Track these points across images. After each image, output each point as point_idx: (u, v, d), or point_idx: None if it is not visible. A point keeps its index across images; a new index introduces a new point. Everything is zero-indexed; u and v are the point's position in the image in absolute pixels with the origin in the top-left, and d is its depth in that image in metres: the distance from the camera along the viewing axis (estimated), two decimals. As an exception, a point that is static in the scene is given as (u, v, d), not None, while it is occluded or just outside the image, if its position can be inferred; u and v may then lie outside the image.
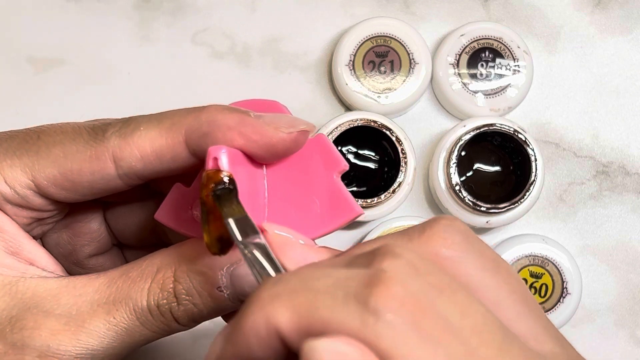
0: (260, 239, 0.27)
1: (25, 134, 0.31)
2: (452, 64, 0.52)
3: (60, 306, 0.30)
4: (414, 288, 0.23)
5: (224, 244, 0.28)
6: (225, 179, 0.28)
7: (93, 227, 0.35)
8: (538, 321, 0.26)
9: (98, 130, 0.30)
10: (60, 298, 0.30)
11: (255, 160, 0.31)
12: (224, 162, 0.28)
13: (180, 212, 0.32)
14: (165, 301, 0.30)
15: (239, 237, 0.27)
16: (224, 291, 0.31)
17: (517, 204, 0.50)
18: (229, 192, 0.28)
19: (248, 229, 0.27)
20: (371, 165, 0.52)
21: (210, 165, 0.28)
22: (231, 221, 0.27)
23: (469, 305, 0.23)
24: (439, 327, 0.22)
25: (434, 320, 0.22)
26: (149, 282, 0.30)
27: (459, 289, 0.24)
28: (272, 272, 0.26)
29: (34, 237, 0.33)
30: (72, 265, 0.35)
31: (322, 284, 0.23)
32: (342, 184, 0.32)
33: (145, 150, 0.30)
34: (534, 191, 0.50)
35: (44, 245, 0.34)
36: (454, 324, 0.23)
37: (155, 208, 0.33)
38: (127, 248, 0.37)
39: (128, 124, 0.30)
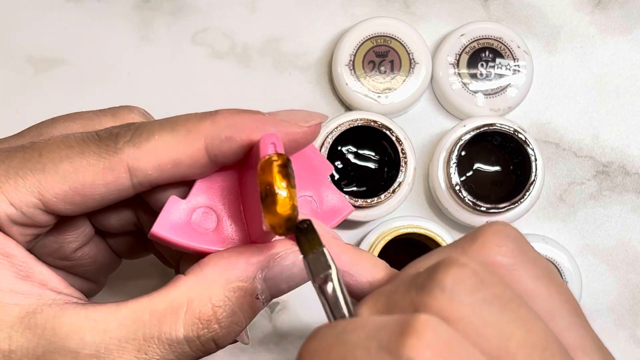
0: (331, 272, 0.27)
1: (24, 152, 0.30)
2: (452, 64, 0.52)
3: (86, 345, 0.29)
4: (472, 303, 0.23)
5: (291, 223, 0.28)
6: (287, 161, 0.28)
7: (79, 223, 0.34)
8: (587, 333, 0.26)
9: (107, 141, 0.30)
10: (84, 335, 0.29)
11: None
12: (281, 147, 0.29)
13: (180, 225, 0.32)
14: (206, 330, 0.30)
15: (314, 279, 0.27)
16: (260, 297, 0.31)
17: (517, 204, 0.50)
18: (305, 228, 0.28)
19: (321, 265, 0.27)
20: (371, 165, 0.52)
21: (270, 150, 0.29)
22: (306, 261, 0.27)
23: (532, 321, 0.24)
24: None
25: None
26: (182, 314, 0.30)
27: (521, 303, 0.24)
28: (344, 311, 0.26)
29: (29, 247, 0.32)
30: (58, 260, 0.34)
31: (356, 336, 0.23)
32: (333, 185, 0.33)
33: (162, 159, 0.29)
34: (534, 191, 0.50)
35: (29, 249, 0.33)
36: (515, 340, 0.23)
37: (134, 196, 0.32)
38: (108, 235, 0.37)
39: (140, 133, 0.30)
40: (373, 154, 0.52)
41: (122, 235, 0.37)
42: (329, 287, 0.26)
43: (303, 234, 0.28)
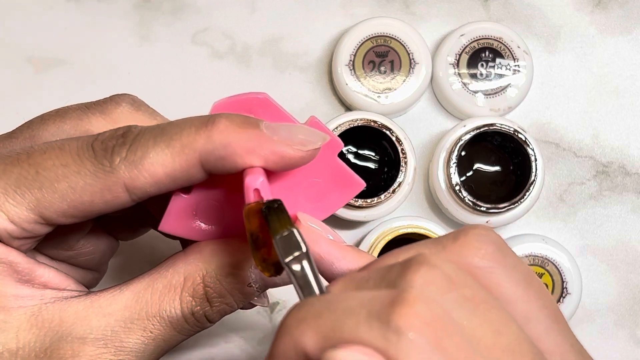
0: (302, 253, 0.27)
1: (20, 167, 0.30)
2: (452, 64, 0.52)
3: (93, 329, 0.30)
4: (443, 304, 0.23)
5: (280, 267, 0.28)
6: (269, 206, 0.28)
7: None
8: (566, 338, 0.26)
9: (102, 159, 0.30)
10: (91, 320, 0.30)
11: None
12: (266, 192, 0.28)
13: (186, 220, 0.32)
14: (198, 308, 0.31)
15: (284, 259, 0.27)
16: (254, 286, 0.32)
17: (517, 204, 0.50)
18: (275, 208, 0.28)
19: (292, 245, 0.27)
20: (371, 165, 0.52)
21: (252, 197, 0.28)
22: (276, 241, 0.27)
23: (503, 323, 0.24)
24: (463, 348, 0.22)
25: (458, 340, 0.22)
26: (179, 292, 0.31)
27: (494, 305, 0.24)
28: (316, 290, 0.26)
29: (32, 249, 0.33)
30: (61, 252, 0.35)
31: (346, 305, 0.23)
32: (342, 162, 0.33)
33: (159, 176, 0.29)
34: (534, 191, 0.50)
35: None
36: (483, 343, 0.23)
37: None
38: (106, 219, 0.37)
39: (134, 150, 0.29)
40: (373, 154, 0.52)
41: (121, 217, 0.37)
42: (300, 268, 0.26)
43: (274, 213, 0.28)
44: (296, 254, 0.27)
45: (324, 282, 0.27)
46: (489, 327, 0.23)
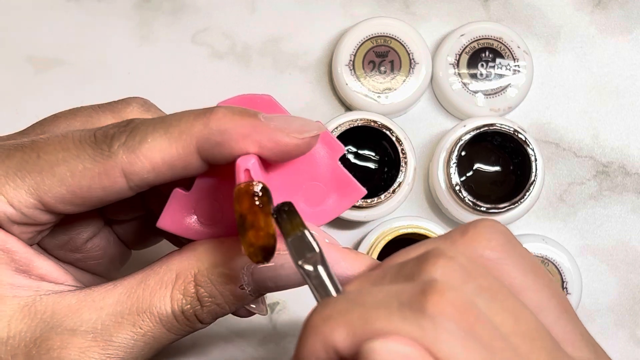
0: (315, 253, 0.27)
1: (23, 151, 0.30)
2: (452, 64, 0.52)
3: (83, 322, 0.30)
4: (467, 293, 0.23)
5: (268, 252, 0.28)
6: (260, 190, 0.28)
7: (87, 214, 0.35)
8: (576, 327, 0.27)
9: (102, 144, 0.30)
10: (82, 313, 0.30)
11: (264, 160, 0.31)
12: (257, 173, 0.28)
13: (184, 218, 0.32)
14: (189, 306, 0.31)
15: (297, 260, 0.27)
16: (246, 288, 0.31)
17: (517, 204, 0.50)
18: (286, 210, 0.28)
19: (304, 246, 0.27)
20: (371, 165, 0.52)
21: (242, 178, 0.28)
22: (288, 243, 0.27)
23: (520, 311, 0.24)
24: (493, 334, 0.23)
25: (488, 327, 0.23)
26: (170, 289, 0.31)
27: (509, 294, 0.24)
28: (332, 291, 0.26)
29: (35, 242, 0.33)
30: (69, 253, 0.35)
31: (374, 299, 0.23)
32: (344, 168, 0.32)
33: (156, 162, 0.29)
34: (534, 191, 0.50)
35: (40, 241, 0.34)
36: (505, 330, 0.23)
37: None
38: (117, 223, 0.37)
39: (134, 135, 0.30)
40: (373, 154, 0.52)
41: (131, 221, 0.37)
42: (314, 269, 0.26)
43: (285, 214, 0.28)
44: (309, 255, 0.27)
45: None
46: (507, 315, 0.24)
